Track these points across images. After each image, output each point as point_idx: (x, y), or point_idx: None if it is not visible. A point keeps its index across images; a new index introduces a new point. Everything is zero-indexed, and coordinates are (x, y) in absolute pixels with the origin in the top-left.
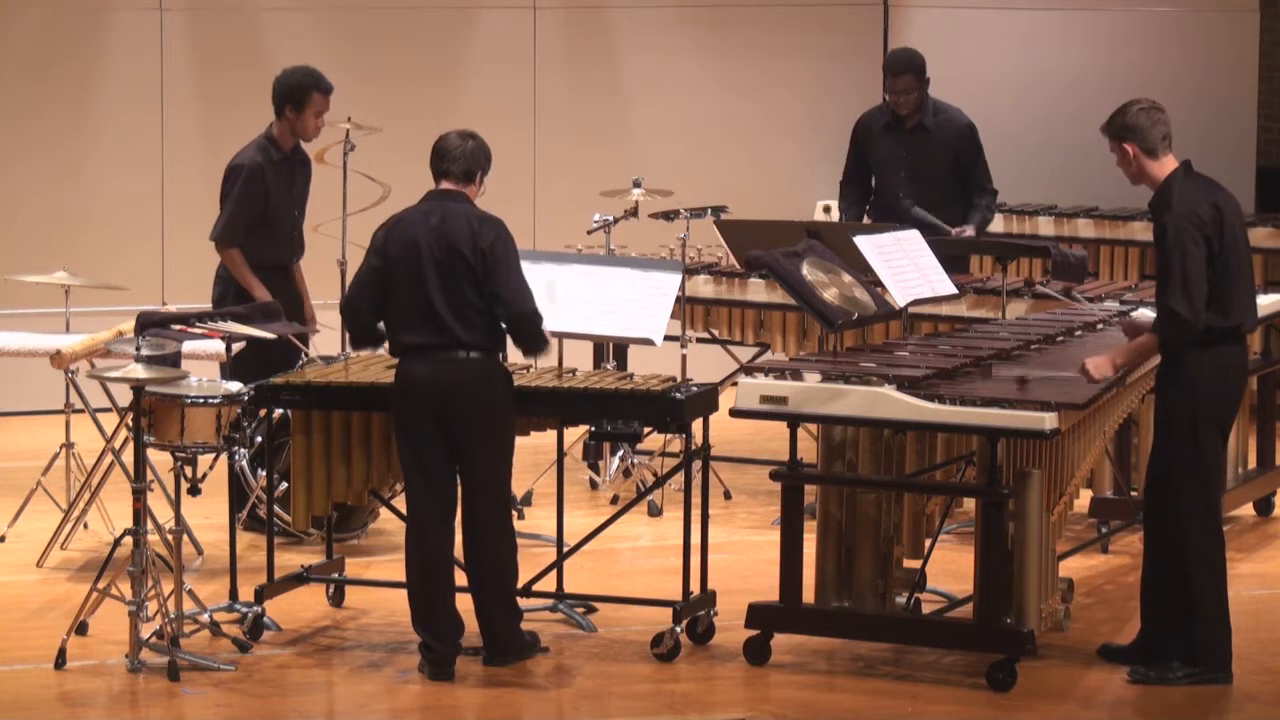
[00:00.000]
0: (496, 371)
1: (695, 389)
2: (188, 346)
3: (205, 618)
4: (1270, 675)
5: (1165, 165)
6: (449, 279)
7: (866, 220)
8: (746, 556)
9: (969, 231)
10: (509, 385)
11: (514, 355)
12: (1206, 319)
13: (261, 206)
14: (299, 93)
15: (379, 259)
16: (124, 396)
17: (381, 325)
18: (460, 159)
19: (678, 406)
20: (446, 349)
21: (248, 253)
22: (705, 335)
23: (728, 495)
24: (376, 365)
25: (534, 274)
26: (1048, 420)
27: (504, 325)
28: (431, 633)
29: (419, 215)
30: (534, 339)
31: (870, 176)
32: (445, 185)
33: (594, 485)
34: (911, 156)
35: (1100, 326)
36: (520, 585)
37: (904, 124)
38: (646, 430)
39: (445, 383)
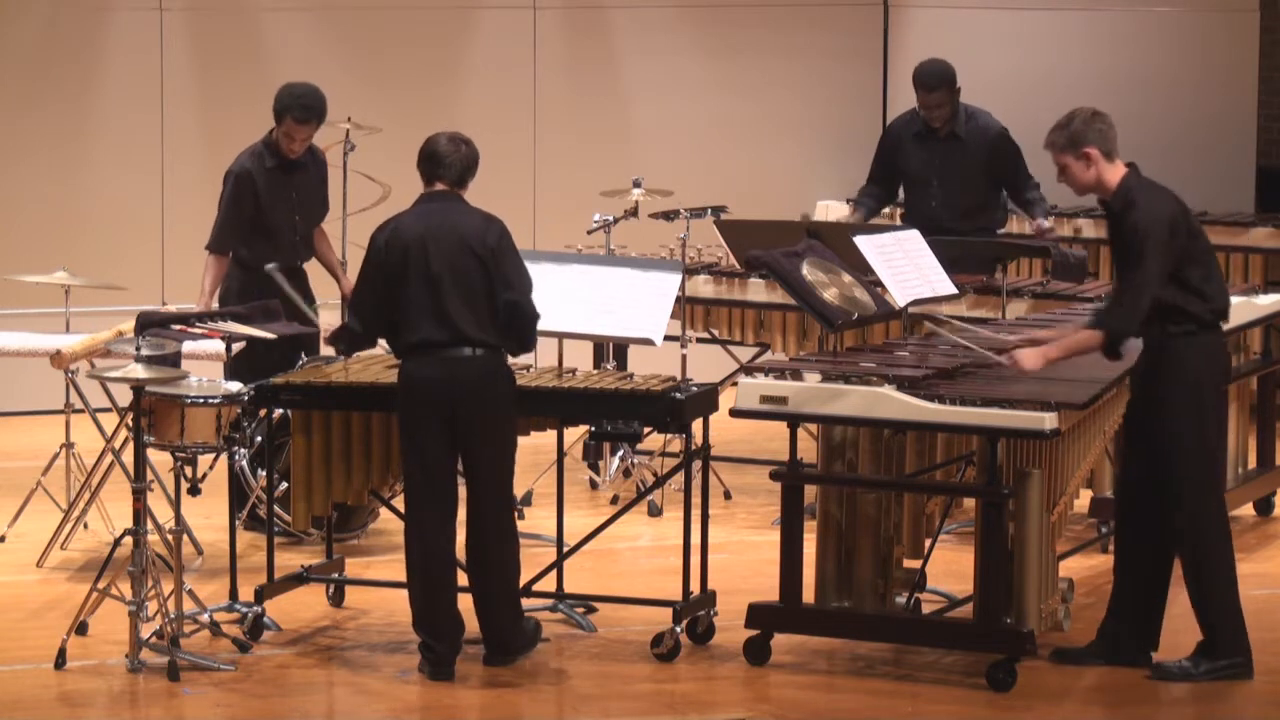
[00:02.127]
0: (502, 368)
1: (695, 389)
2: (188, 346)
3: (205, 618)
4: (1270, 675)
5: (1119, 169)
6: (456, 276)
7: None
8: (746, 556)
9: (1046, 224)
10: (513, 382)
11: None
12: (1198, 307)
13: (252, 212)
14: (277, 109)
15: (380, 263)
16: (124, 396)
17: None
18: (454, 165)
19: (678, 406)
20: (453, 346)
21: (250, 257)
22: (705, 335)
23: (728, 495)
24: (376, 365)
25: (534, 274)
26: (1048, 420)
27: (501, 311)
28: (432, 633)
29: (421, 216)
30: (524, 333)
31: (892, 186)
32: (440, 187)
33: (594, 485)
34: (943, 165)
35: None
36: (520, 585)
37: (936, 133)
38: (646, 430)
39: (452, 381)
